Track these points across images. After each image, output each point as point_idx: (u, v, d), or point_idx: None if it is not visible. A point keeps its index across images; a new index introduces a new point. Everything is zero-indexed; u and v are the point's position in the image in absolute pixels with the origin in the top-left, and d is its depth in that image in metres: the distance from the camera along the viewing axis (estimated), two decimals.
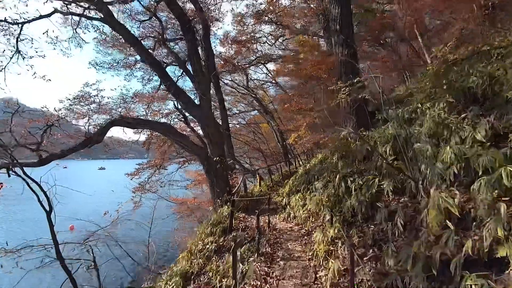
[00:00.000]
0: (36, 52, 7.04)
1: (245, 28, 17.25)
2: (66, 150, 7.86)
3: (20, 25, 6.37)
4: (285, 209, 9.08)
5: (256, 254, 5.45)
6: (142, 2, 11.47)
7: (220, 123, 14.71)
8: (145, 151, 18.11)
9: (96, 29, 9.26)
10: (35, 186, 4.79)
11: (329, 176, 7.31)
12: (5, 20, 6.19)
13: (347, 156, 7.36)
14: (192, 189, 19.90)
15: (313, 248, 5.38)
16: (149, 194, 14.97)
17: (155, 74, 11.99)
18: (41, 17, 6.64)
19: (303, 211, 7.79)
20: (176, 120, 16.64)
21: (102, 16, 7.48)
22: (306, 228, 6.99)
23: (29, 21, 6.43)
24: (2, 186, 6.72)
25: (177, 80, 15.23)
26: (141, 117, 10.24)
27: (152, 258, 7.08)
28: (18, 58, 6.81)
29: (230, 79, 22.09)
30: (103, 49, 12.29)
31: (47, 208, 4.76)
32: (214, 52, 14.72)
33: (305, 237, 6.42)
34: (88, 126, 8.70)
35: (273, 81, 24.08)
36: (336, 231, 5.16)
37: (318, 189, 7.57)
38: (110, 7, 8.24)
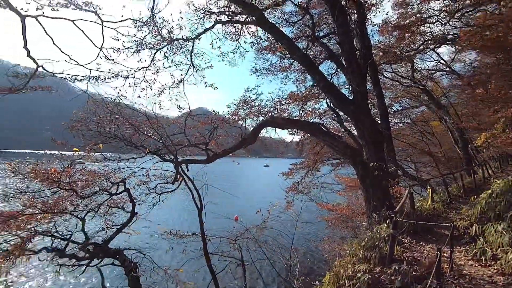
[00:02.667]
0: (206, 64, 8.17)
1: (408, 10, 14.09)
2: (226, 150, 8.61)
3: (192, 41, 7.59)
4: (475, 241, 5.96)
5: None
6: (294, 2, 11.27)
7: (379, 121, 12.35)
8: (303, 151, 18.36)
9: (251, 35, 9.81)
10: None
11: None
12: (182, 38, 7.56)
13: None
14: (344, 196, 18.33)
15: None
16: (300, 195, 14.90)
17: (305, 71, 11.54)
18: (205, 30, 7.68)
19: None
20: (329, 120, 15.81)
21: (255, 18, 7.62)
22: None
23: (197, 36, 7.58)
24: (182, 180, 8.15)
25: (331, 78, 14.36)
26: (292, 117, 9.97)
27: (295, 272, 6.39)
28: (193, 71, 8.14)
29: (391, 70, 18.70)
30: (261, 56, 13.15)
31: (199, 205, 4.99)
32: (372, 43, 12.65)
33: None
34: (245, 127, 9.20)
35: (447, 68, 18.37)
36: None
37: None
38: (266, 14, 8.47)
